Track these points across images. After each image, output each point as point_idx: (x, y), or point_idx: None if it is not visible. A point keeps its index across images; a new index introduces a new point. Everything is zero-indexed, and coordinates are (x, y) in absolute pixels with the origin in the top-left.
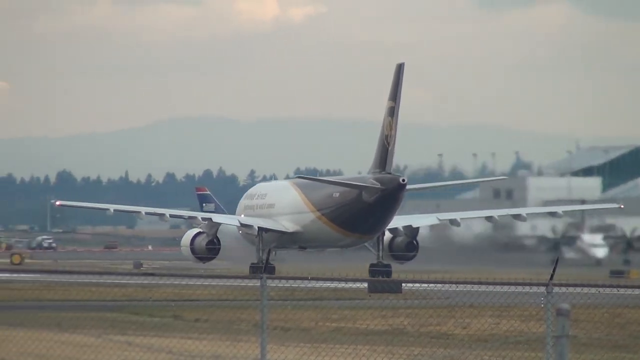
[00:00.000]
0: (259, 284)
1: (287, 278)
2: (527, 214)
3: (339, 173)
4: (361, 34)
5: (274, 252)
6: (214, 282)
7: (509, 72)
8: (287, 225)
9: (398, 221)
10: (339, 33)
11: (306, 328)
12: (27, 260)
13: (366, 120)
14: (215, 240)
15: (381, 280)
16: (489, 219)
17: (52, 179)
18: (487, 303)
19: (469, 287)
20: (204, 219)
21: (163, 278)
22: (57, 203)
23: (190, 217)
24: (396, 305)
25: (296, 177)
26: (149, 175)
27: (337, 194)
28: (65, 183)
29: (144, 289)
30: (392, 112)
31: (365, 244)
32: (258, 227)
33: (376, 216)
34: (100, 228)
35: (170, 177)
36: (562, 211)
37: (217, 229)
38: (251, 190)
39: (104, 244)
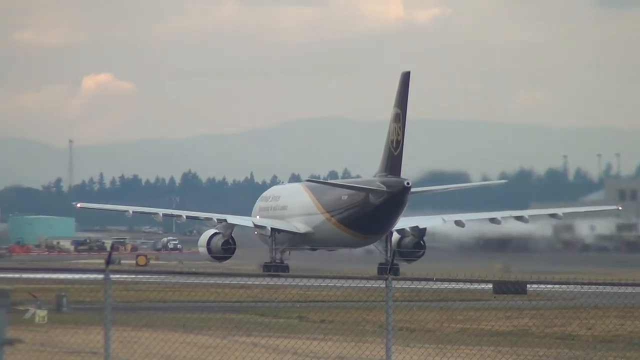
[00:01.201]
0: (384, 285)
1: (413, 279)
2: (529, 216)
3: (463, 174)
4: (485, 35)
5: (287, 252)
6: (339, 283)
7: (635, 72)
8: (298, 226)
9: (405, 222)
10: (463, 34)
11: (431, 329)
12: (152, 262)
13: (490, 121)
14: (230, 240)
15: (507, 282)
16: (492, 220)
17: (177, 180)
18: (612, 304)
19: (593, 287)
20: (219, 220)
21: (288, 279)
22: (78, 205)
23: (206, 219)
24: (521, 306)
25: (306, 180)
26: (274, 177)
27: (346, 197)
28: (190, 184)
29: (269, 290)
30: (399, 118)
31: (373, 244)
32: (271, 228)
33: (382, 217)
34: None
35: (295, 178)
36: (563, 213)
37: (232, 230)
38: (266, 193)
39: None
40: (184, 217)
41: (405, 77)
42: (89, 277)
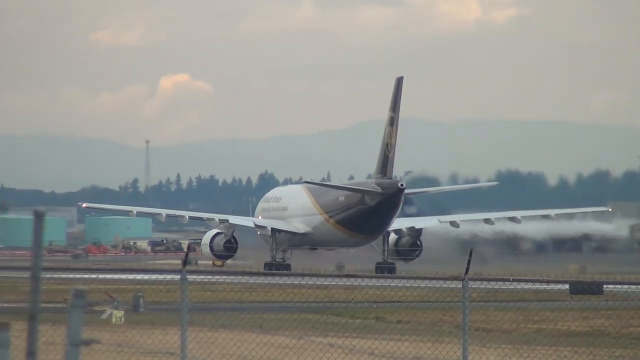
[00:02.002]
0: (460, 286)
1: (490, 279)
2: (521, 217)
3: (541, 175)
4: (563, 35)
5: (288, 252)
6: (416, 283)
7: None
8: (298, 226)
9: (402, 223)
10: (541, 35)
11: (507, 329)
12: (229, 262)
13: (568, 121)
14: (232, 240)
15: (583, 282)
16: (487, 221)
17: (254, 180)
18: None
19: None
20: (221, 220)
21: (365, 280)
22: (84, 205)
23: (208, 219)
24: (597, 307)
25: (305, 182)
26: (351, 177)
27: (343, 198)
28: (267, 184)
29: (346, 291)
30: (392, 122)
31: (371, 244)
32: (271, 228)
33: (378, 218)
34: None
35: (371, 178)
36: (554, 214)
37: (234, 230)
38: (268, 194)
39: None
40: (187, 217)
41: (399, 83)
42: (165, 278)
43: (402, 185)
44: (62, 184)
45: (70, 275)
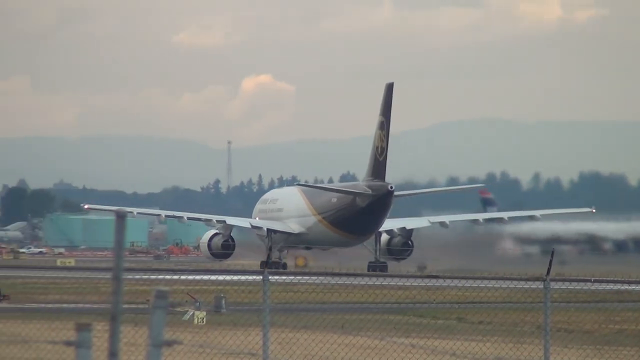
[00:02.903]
0: (542, 286)
1: (571, 280)
2: (508, 218)
3: (623, 176)
4: None
5: (285, 251)
6: (497, 284)
7: None
8: (293, 227)
9: (393, 223)
10: (622, 35)
11: (589, 330)
12: (311, 263)
13: None
14: (229, 240)
15: None
16: (474, 222)
17: (336, 180)
18: None
19: None
20: (218, 221)
21: (447, 280)
22: (86, 207)
23: (206, 220)
24: None
25: (297, 184)
26: (432, 178)
27: (335, 200)
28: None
29: (428, 292)
30: (383, 126)
31: (363, 243)
32: (267, 229)
33: (368, 219)
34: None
35: (452, 180)
36: (540, 215)
37: (231, 230)
38: (265, 196)
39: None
40: (185, 218)
41: (389, 88)
42: (247, 279)
43: (391, 187)
44: (144, 184)
45: (152, 276)
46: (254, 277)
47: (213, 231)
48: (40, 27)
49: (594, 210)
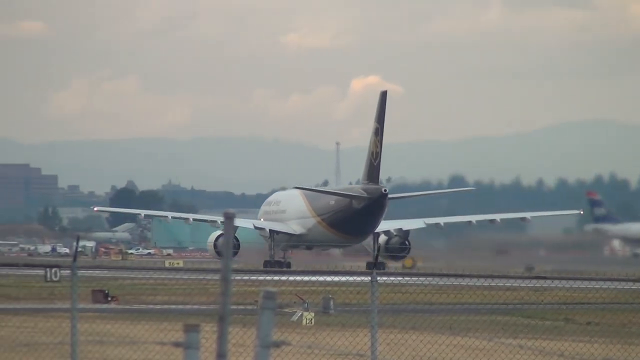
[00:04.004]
0: None
1: None
2: (500, 219)
3: None
4: None
5: (289, 251)
6: (605, 284)
7: None
8: (294, 228)
9: (391, 224)
10: None
11: None
12: (419, 264)
13: None
14: (234, 240)
15: None
16: (468, 224)
17: (445, 182)
18: None
19: None
20: (223, 222)
21: (555, 281)
22: (95, 209)
23: (211, 221)
24: None
25: (295, 188)
26: (540, 180)
27: (333, 202)
28: (457, 187)
29: (536, 293)
30: (377, 132)
31: (362, 243)
32: (269, 230)
33: (364, 220)
34: (488, 233)
35: (561, 182)
36: (531, 217)
37: (236, 231)
38: (269, 198)
39: (495, 249)
40: (191, 219)
41: (383, 96)
42: (355, 280)
43: (385, 190)
44: (252, 185)
45: (260, 277)
46: (362, 278)
47: (219, 232)
48: (151, 27)
49: (582, 212)
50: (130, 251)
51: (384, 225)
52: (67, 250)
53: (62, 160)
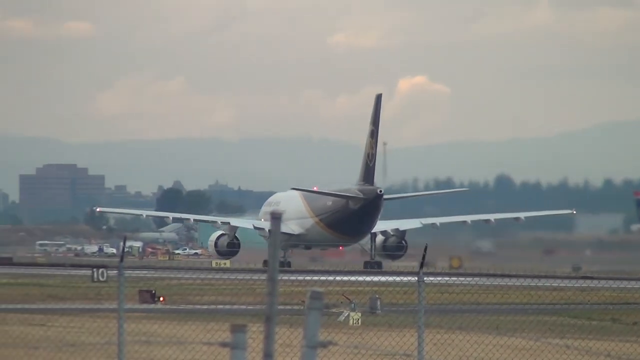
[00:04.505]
0: None
1: None
2: (494, 219)
3: None
4: None
5: (288, 250)
6: None
7: None
8: (294, 228)
9: (388, 225)
10: None
11: None
12: (466, 265)
13: None
14: (235, 240)
15: None
16: (463, 223)
17: (491, 183)
18: None
19: None
20: (223, 222)
21: (601, 281)
22: (98, 209)
23: (212, 221)
24: None
25: (292, 189)
26: (586, 181)
27: (330, 203)
28: (504, 187)
29: (582, 293)
30: (373, 134)
31: (360, 243)
32: (269, 230)
33: (361, 220)
34: (538, 233)
35: (608, 182)
36: (524, 217)
37: (236, 231)
38: (270, 199)
39: (542, 248)
40: (192, 220)
41: (378, 99)
42: (402, 280)
43: (380, 191)
44: (299, 185)
45: (308, 277)
46: (409, 278)
47: (219, 232)
48: (198, 28)
49: (574, 212)
50: (177, 251)
51: (381, 225)
52: (114, 251)
53: (108, 161)
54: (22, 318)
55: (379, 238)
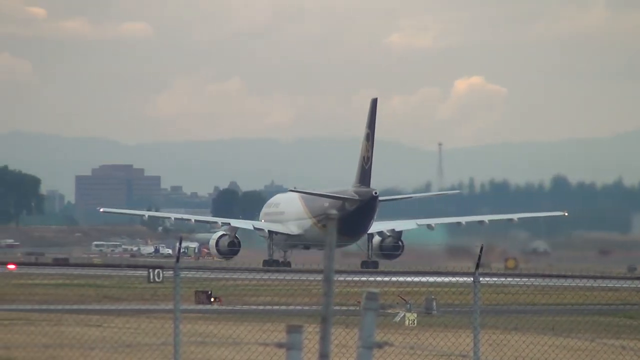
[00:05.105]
0: None
1: None
2: (488, 220)
3: None
4: None
5: (288, 250)
6: None
7: None
8: (292, 229)
9: (384, 226)
10: None
11: None
12: (521, 266)
13: None
14: (235, 240)
15: None
16: (458, 224)
17: (547, 184)
18: None
19: None
20: (223, 223)
21: None
22: (102, 210)
23: (212, 222)
24: None
25: (290, 191)
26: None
27: (327, 204)
28: (560, 188)
29: (638, 293)
30: (369, 137)
31: (357, 243)
32: (268, 231)
33: (357, 221)
34: (594, 233)
35: None
36: (517, 218)
37: (236, 232)
38: (270, 201)
39: (598, 249)
40: (193, 220)
41: (374, 103)
42: (458, 280)
43: (375, 193)
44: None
45: (363, 278)
46: (465, 278)
47: (220, 232)
48: (254, 28)
49: (566, 214)
50: None
51: (378, 226)
52: (170, 251)
53: (165, 161)
54: (78, 319)
55: (376, 239)
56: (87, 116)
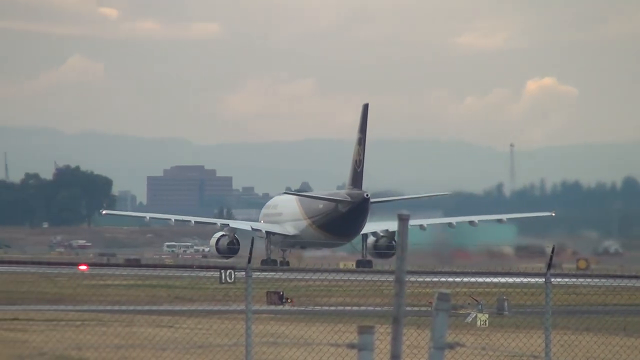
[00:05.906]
0: None
1: None
2: (478, 221)
3: None
4: None
5: (287, 250)
6: None
7: None
8: (289, 229)
9: (378, 226)
10: None
11: None
12: (593, 266)
13: None
14: (235, 241)
15: None
16: (449, 225)
17: (618, 185)
18: None
19: None
20: (222, 224)
21: None
22: (103, 212)
23: (212, 223)
24: None
25: (284, 193)
26: None
27: (321, 206)
28: (632, 188)
29: None
30: (360, 142)
31: (352, 243)
32: (266, 231)
33: (349, 222)
34: None
35: None
36: (507, 218)
37: (235, 232)
38: (269, 202)
39: None
40: (193, 222)
41: (365, 108)
42: (529, 281)
43: (367, 195)
44: (426, 187)
45: (435, 279)
46: (536, 279)
47: (220, 233)
48: (323, 28)
49: (553, 214)
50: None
51: (373, 226)
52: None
53: (236, 162)
54: (149, 319)
55: (370, 239)
56: (159, 117)
